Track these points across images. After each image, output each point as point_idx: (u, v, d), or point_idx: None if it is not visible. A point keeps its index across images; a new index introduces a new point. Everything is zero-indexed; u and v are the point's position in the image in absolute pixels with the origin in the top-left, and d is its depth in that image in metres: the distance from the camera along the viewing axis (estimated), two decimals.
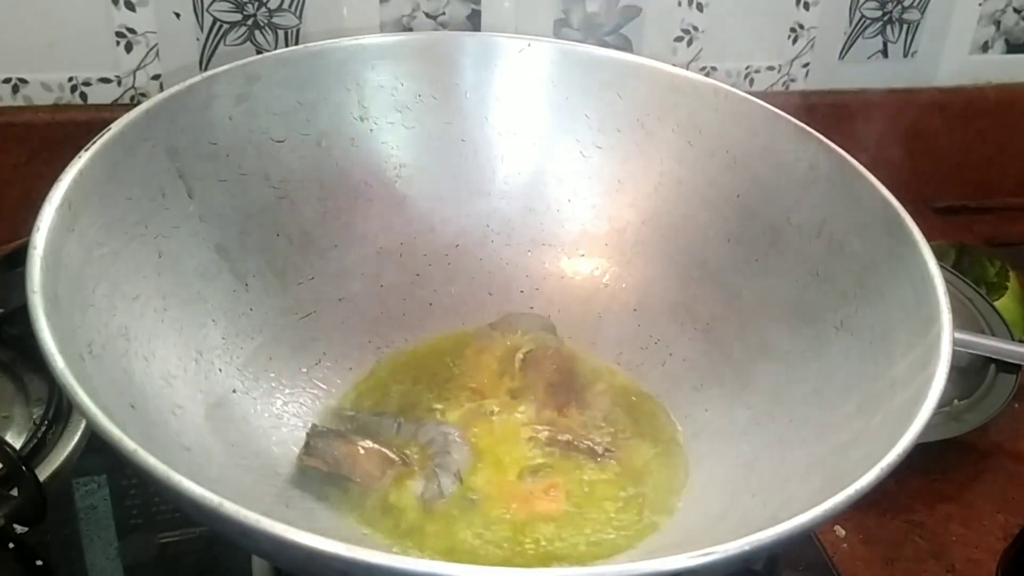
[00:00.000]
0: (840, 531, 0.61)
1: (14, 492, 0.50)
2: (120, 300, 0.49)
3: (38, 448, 0.55)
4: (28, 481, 0.50)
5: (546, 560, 0.50)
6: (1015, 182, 0.97)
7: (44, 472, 0.54)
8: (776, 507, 0.47)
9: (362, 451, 0.52)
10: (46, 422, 0.56)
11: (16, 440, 0.55)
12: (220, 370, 0.54)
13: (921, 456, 0.45)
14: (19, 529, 0.50)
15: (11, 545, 0.50)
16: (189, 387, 0.51)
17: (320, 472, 0.52)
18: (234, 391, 0.54)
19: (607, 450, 0.55)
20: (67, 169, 0.48)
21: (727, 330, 0.60)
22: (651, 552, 0.50)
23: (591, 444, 0.55)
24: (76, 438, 0.56)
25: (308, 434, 0.53)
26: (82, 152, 0.49)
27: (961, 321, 0.71)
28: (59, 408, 0.57)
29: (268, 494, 0.50)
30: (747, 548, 0.36)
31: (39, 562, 0.50)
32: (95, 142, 0.50)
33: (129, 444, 0.37)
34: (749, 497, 0.50)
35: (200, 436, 0.50)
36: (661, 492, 0.54)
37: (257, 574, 0.54)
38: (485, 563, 0.49)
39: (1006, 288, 0.79)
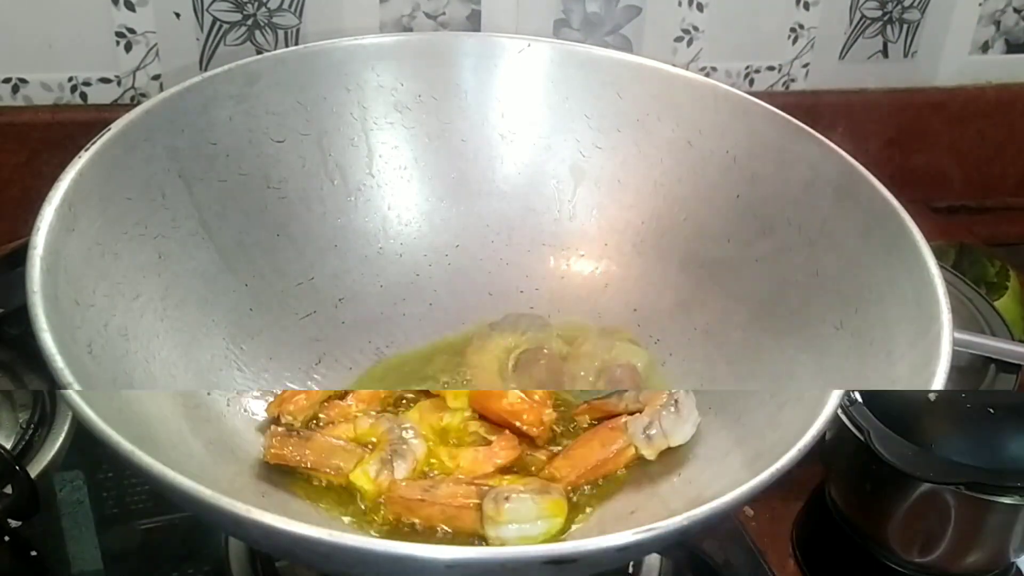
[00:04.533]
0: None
1: (8, 489, 0.52)
2: (120, 300, 0.49)
3: (26, 449, 0.58)
4: (21, 479, 0.53)
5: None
6: (1015, 182, 0.97)
7: (33, 470, 0.56)
8: None
9: (320, 446, 0.52)
10: (32, 425, 0.59)
11: (5, 442, 0.57)
12: (220, 370, 0.54)
13: None
14: (13, 523, 0.53)
15: (6, 538, 0.52)
16: (189, 387, 0.51)
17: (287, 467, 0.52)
18: (235, 391, 0.54)
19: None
20: (67, 169, 0.48)
21: (727, 330, 0.60)
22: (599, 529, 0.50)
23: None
24: (60, 439, 0.60)
25: (267, 435, 0.52)
26: (82, 152, 0.49)
27: (961, 321, 0.71)
28: (43, 412, 0.61)
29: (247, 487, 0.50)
30: (685, 523, 0.38)
31: (33, 552, 0.53)
32: (95, 142, 0.50)
33: (127, 445, 0.37)
34: None
35: (200, 436, 0.50)
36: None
37: (233, 558, 0.55)
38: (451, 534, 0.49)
39: (1006, 288, 0.79)
